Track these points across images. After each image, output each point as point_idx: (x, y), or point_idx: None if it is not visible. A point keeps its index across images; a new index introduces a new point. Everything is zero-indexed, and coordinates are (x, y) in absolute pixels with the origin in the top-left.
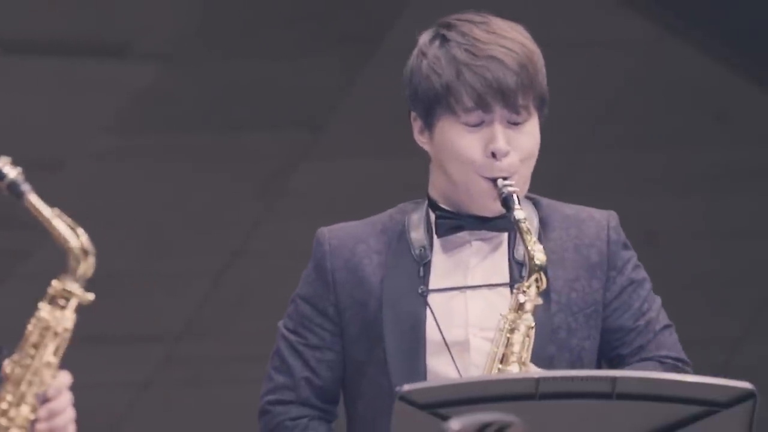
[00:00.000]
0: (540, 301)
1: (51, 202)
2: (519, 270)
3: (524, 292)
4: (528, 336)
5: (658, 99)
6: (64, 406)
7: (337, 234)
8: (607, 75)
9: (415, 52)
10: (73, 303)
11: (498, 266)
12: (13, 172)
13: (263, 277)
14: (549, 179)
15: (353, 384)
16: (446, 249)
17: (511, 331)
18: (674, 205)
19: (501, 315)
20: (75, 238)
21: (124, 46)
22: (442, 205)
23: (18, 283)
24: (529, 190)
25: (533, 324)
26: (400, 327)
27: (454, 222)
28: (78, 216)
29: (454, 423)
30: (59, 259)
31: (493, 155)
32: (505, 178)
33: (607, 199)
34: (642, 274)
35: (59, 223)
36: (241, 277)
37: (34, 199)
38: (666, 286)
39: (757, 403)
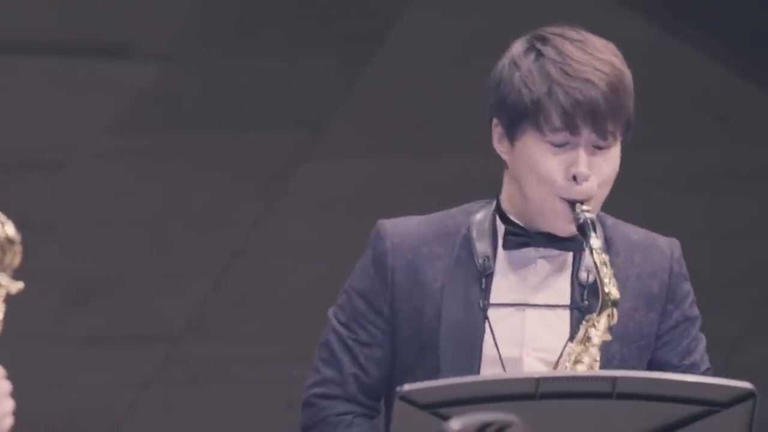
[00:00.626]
0: (609, 337)
1: (51, 202)
2: (581, 292)
3: (594, 326)
4: (592, 369)
5: (657, 99)
6: None
7: (400, 231)
8: None
9: (507, 60)
10: (1, 293)
11: (560, 287)
12: None
13: (263, 277)
14: None
15: (402, 381)
16: (510, 263)
17: (576, 362)
18: (673, 206)
19: (569, 345)
20: (0, 227)
21: (125, 46)
22: (512, 217)
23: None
24: None
25: (598, 358)
26: (456, 338)
27: (523, 239)
28: (78, 216)
29: (455, 423)
30: (59, 260)
31: (574, 178)
32: (582, 202)
33: (606, 199)
34: (696, 311)
35: None
36: (241, 278)
37: None
38: None
39: (757, 403)
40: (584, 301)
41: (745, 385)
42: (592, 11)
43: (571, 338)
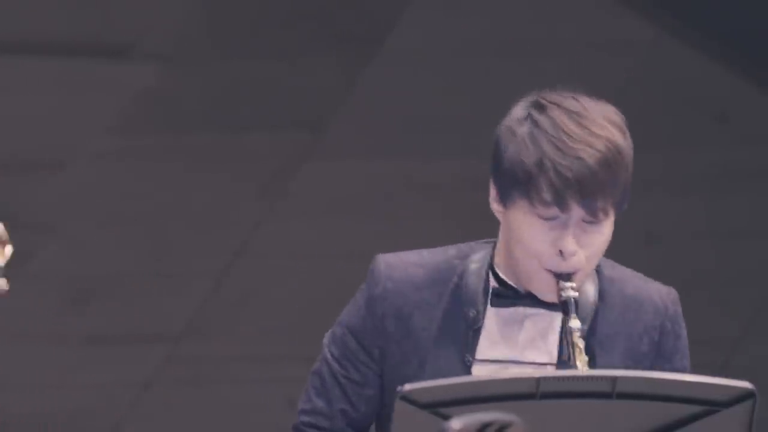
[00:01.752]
0: None
1: (52, 203)
2: (568, 352)
3: None
4: None
5: (658, 99)
6: None
7: (394, 274)
8: (606, 75)
9: (506, 123)
10: None
11: (548, 346)
12: None
13: (264, 277)
14: None
15: (387, 422)
16: (499, 320)
17: None
18: (674, 206)
19: None
20: None
21: (126, 46)
22: (502, 273)
23: (19, 283)
24: None
25: None
26: None
27: (510, 300)
28: (79, 216)
29: (455, 422)
30: (60, 260)
31: (561, 253)
32: (568, 278)
33: None
34: (685, 362)
35: None
36: (242, 278)
37: None
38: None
39: (756, 403)
40: (569, 359)
41: (745, 385)
42: (592, 11)
43: None
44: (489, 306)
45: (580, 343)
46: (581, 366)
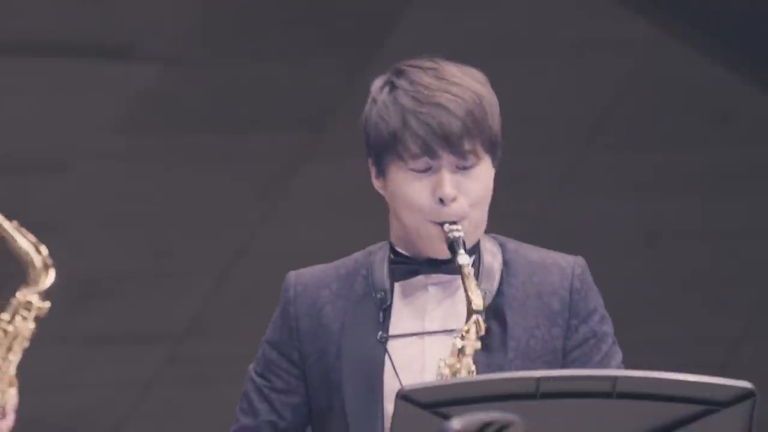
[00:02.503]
0: (479, 345)
1: (53, 203)
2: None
3: (463, 337)
4: None
5: (658, 99)
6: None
7: (302, 279)
8: (606, 75)
9: (369, 98)
10: (33, 314)
11: (456, 310)
12: None
13: (265, 277)
14: (549, 180)
15: (319, 428)
16: (405, 293)
17: (453, 375)
18: (673, 206)
19: (440, 360)
20: (37, 253)
21: (127, 47)
22: (399, 249)
23: (21, 284)
24: (525, 195)
25: (473, 368)
26: (358, 374)
27: (410, 267)
28: (81, 217)
29: (456, 422)
30: (62, 260)
31: (441, 201)
32: (453, 223)
33: (607, 199)
34: (605, 327)
35: (20, 237)
36: (244, 278)
37: None
38: (665, 287)
39: (756, 403)
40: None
41: (745, 384)
42: (591, 11)
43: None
44: (395, 284)
45: (471, 271)
46: (476, 299)
